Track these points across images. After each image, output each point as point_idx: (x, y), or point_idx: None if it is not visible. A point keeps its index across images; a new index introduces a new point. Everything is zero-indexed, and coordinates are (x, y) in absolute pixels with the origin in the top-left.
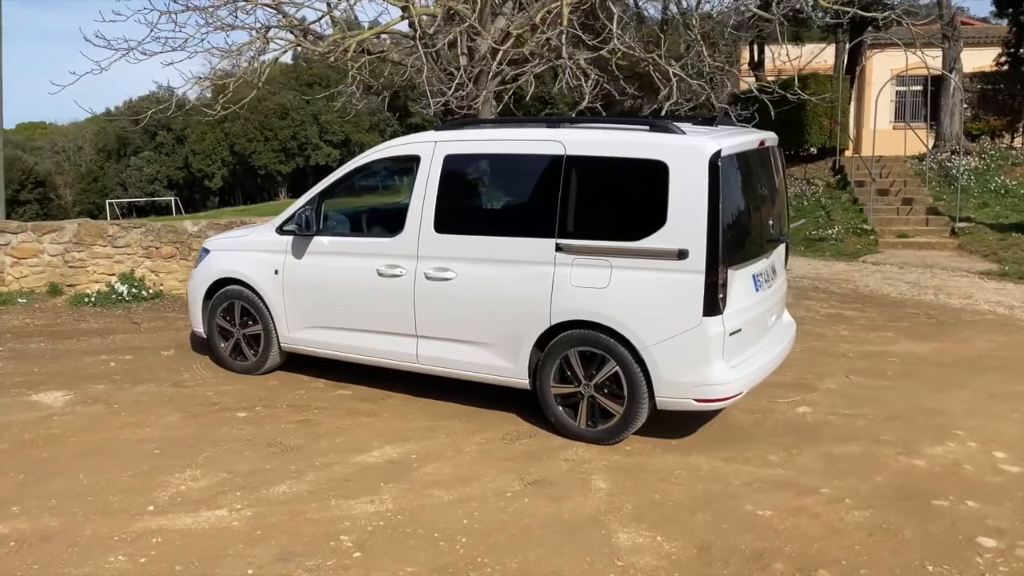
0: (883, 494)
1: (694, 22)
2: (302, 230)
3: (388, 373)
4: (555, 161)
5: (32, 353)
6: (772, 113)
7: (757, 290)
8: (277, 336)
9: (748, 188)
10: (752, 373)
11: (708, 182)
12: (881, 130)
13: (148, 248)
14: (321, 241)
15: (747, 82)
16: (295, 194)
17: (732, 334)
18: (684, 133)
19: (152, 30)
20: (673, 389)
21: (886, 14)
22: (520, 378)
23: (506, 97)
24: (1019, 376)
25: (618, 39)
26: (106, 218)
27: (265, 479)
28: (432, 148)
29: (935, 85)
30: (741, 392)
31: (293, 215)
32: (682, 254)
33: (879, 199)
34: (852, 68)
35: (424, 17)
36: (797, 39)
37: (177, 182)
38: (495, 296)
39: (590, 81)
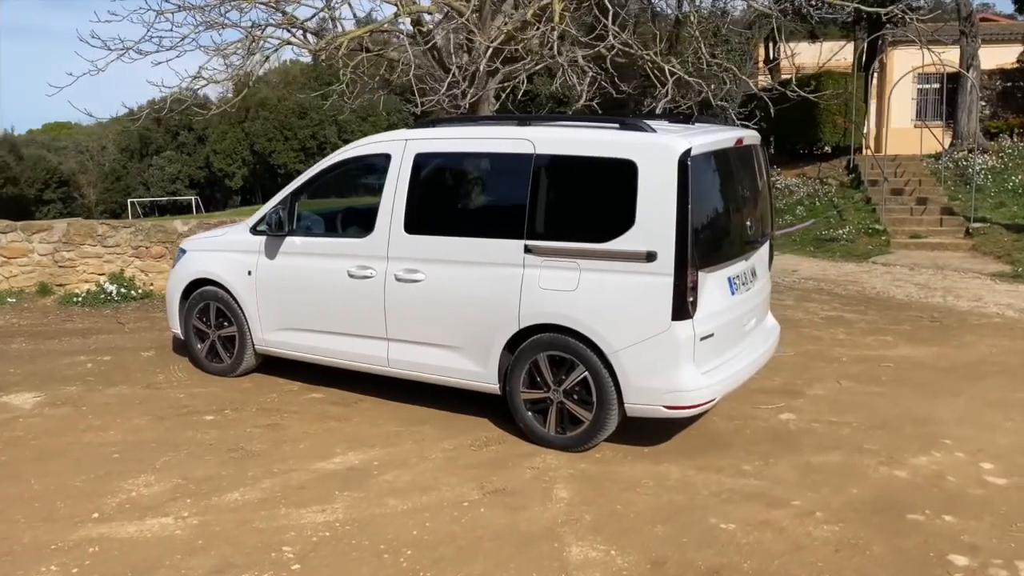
0: (856, 507)
1: (693, 19)
2: (272, 230)
3: (363, 376)
4: (524, 160)
5: (11, 353)
6: (772, 111)
7: (733, 293)
8: (251, 338)
9: (723, 188)
10: (726, 379)
11: (677, 181)
12: (902, 128)
13: (138, 248)
14: (293, 241)
15: (756, 81)
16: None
17: (703, 339)
18: (654, 131)
19: (148, 30)
20: (642, 395)
21: (889, 9)
22: (490, 383)
23: (503, 95)
24: (1018, 383)
25: (615, 36)
26: (128, 217)
27: (219, 485)
28: (403, 146)
29: (953, 83)
30: (714, 399)
31: (265, 215)
32: (650, 256)
33: (893, 199)
34: (868, 66)
35: (423, 15)
36: (813, 37)
37: (198, 181)
38: (464, 298)
39: (587, 79)
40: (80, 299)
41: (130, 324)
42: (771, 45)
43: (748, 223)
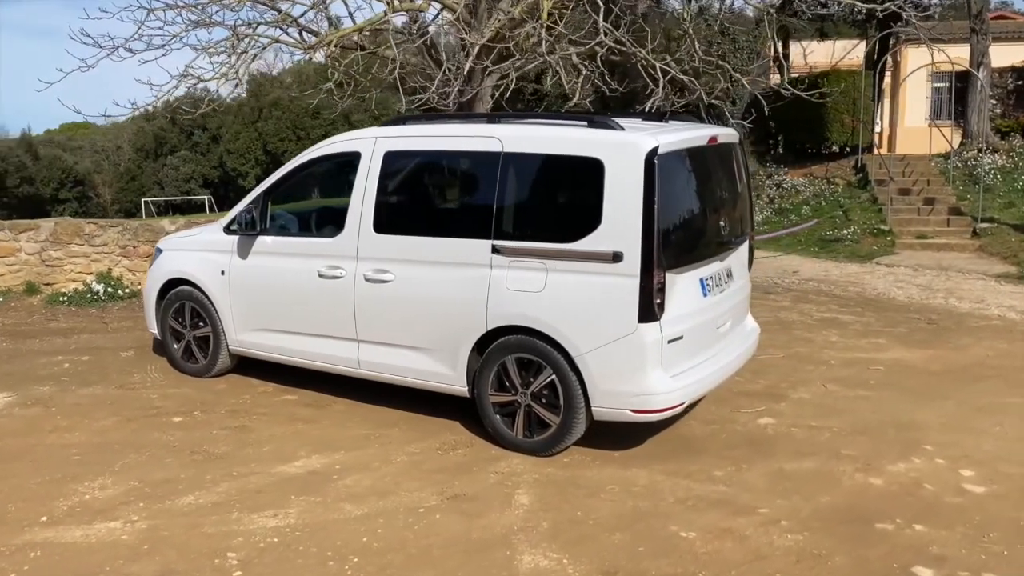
0: (825, 516)
1: (687, 16)
2: (243, 229)
3: (338, 378)
4: (492, 158)
5: None
6: (767, 110)
7: (705, 295)
8: (225, 339)
9: (695, 187)
10: (697, 383)
11: (643, 180)
12: (916, 128)
13: (125, 247)
14: (265, 241)
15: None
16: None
17: (672, 341)
18: (623, 129)
19: (139, 28)
20: (609, 399)
21: (885, 5)
22: (459, 385)
23: (496, 94)
24: (1012, 387)
25: (606, 34)
26: (142, 216)
27: (175, 489)
28: (372, 144)
29: (963, 82)
30: (683, 403)
31: (237, 215)
32: (616, 256)
33: (900, 199)
34: (877, 64)
35: (417, 13)
36: (822, 35)
37: (212, 181)
38: (432, 299)
39: (581, 77)
40: (67, 298)
41: (114, 324)
42: (779, 44)
43: (722, 223)
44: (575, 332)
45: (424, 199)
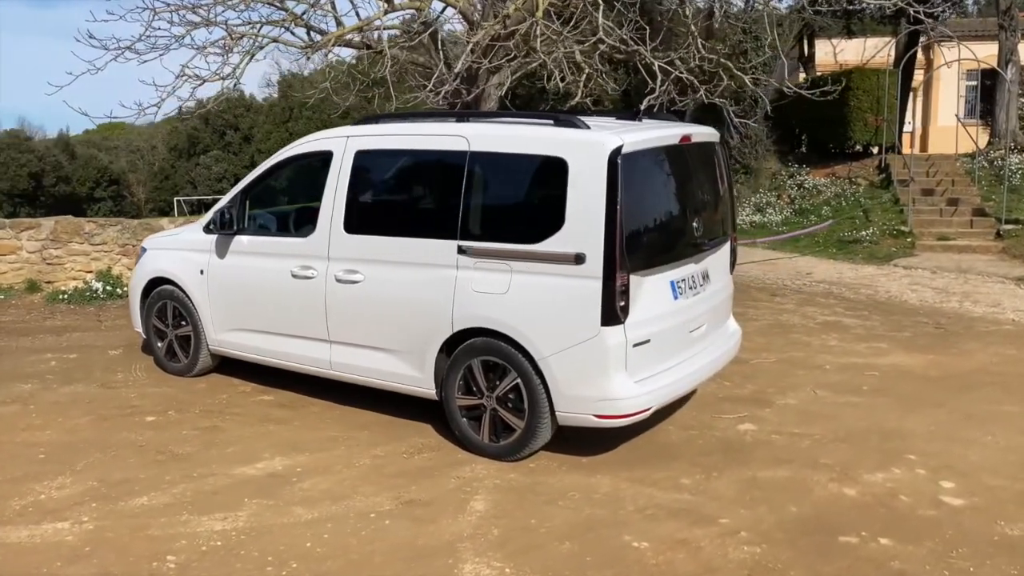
0: (788, 527)
1: (687, 14)
2: (218, 229)
3: (317, 379)
4: (458, 157)
5: None
6: (768, 109)
7: (676, 297)
8: (205, 338)
9: (665, 186)
10: (665, 387)
11: (607, 179)
12: (949, 127)
13: (125, 246)
14: (241, 241)
15: (796, 78)
16: None
17: (637, 345)
18: (588, 128)
19: (146, 29)
20: (572, 404)
21: (894, 1)
22: (427, 388)
23: (503, 94)
24: (1010, 395)
25: (608, 33)
26: (175, 215)
27: (132, 489)
28: (344, 143)
29: (991, 80)
30: (649, 408)
31: (214, 214)
32: (579, 258)
33: (923, 199)
34: (902, 62)
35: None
36: (850, 33)
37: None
38: (400, 300)
39: (584, 76)
40: (66, 296)
41: (108, 322)
42: (804, 42)
43: (696, 225)
44: (538, 335)
45: (393, 199)
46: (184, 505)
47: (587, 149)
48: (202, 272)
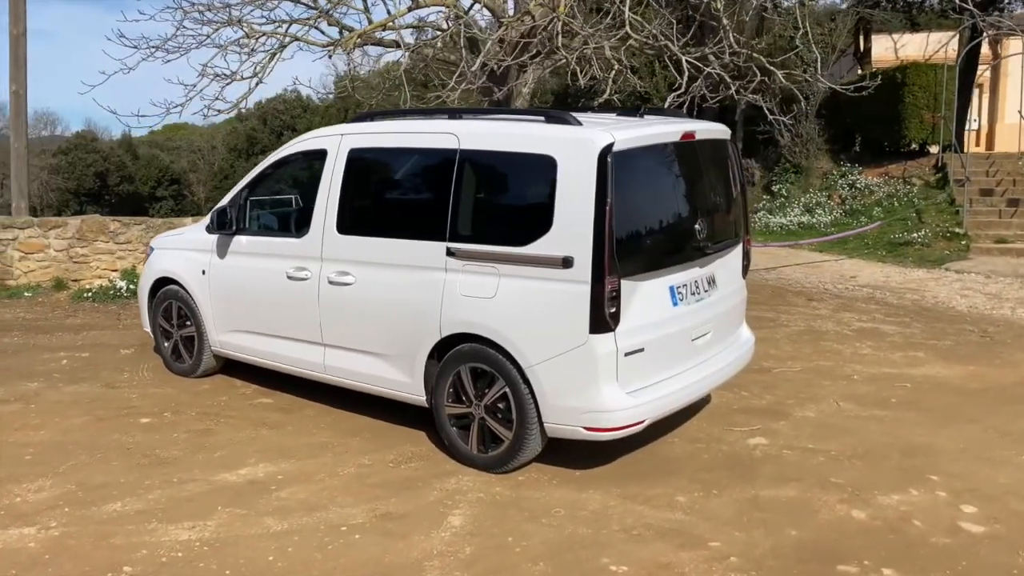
0: (784, 553)
1: (719, 6)
2: (216, 228)
3: (317, 383)
4: (448, 156)
5: None
6: (803, 105)
7: (676, 304)
8: (208, 339)
9: (663, 186)
10: (661, 399)
11: (596, 179)
12: (1016, 124)
13: (148, 245)
14: (240, 241)
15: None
16: None
17: (630, 354)
18: (579, 125)
19: (178, 29)
20: (561, 415)
21: None
22: (417, 394)
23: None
24: None
25: (633, 26)
26: None
27: (108, 494)
28: (338, 141)
29: None
30: (643, 421)
31: (213, 214)
32: (567, 262)
33: (981, 199)
34: (959, 56)
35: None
36: (914, 26)
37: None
38: (390, 303)
39: (613, 72)
40: (91, 294)
41: (127, 321)
42: (860, 37)
43: (701, 226)
44: (525, 342)
45: (385, 198)
46: (155, 512)
47: (576, 147)
48: (204, 272)
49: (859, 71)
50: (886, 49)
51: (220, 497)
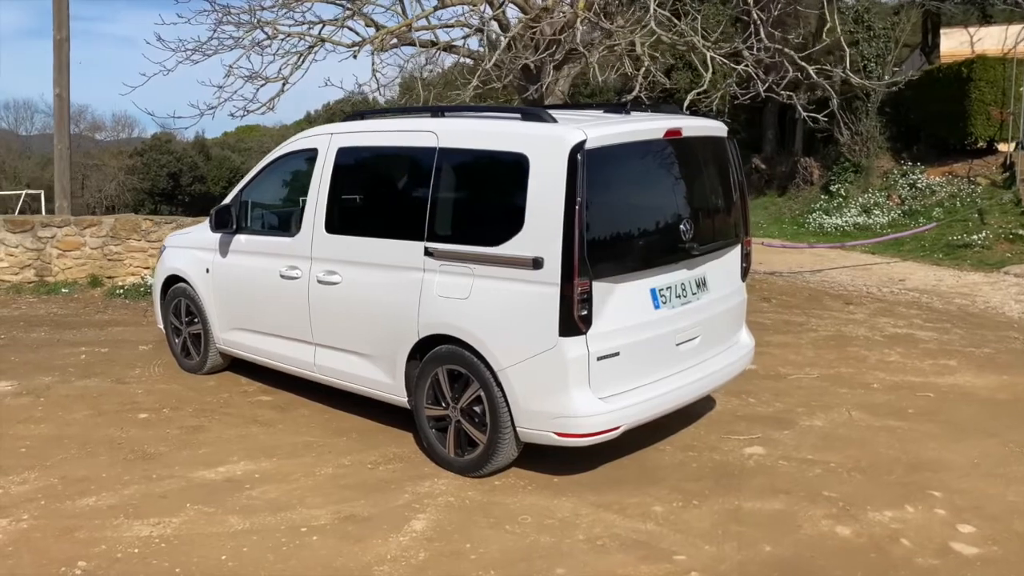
0: (752, 570)
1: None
2: (215, 228)
3: (316, 382)
4: (427, 154)
5: (25, 341)
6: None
7: (658, 307)
8: (212, 336)
9: (646, 184)
10: (639, 405)
11: (566, 177)
12: None
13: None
14: (240, 239)
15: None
16: None
17: (604, 358)
18: (554, 122)
19: (215, 31)
20: (532, 419)
21: None
22: (399, 395)
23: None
24: None
25: (660, 22)
26: None
27: (87, 488)
28: (328, 140)
29: None
30: (618, 427)
31: (213, 213)
32: (537, 263)
33: None
34: None
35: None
36: (986, 18)
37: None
38: (373, 303)
39: (643, 69)
40: (123, 292)
41: (151, 317)
42: (928, 30)
43: (687, 227)
44: (497, 344)
45: (369, 198)
46: (126, 508)
47: (547, 144)
48: (208, 270)
49: (927, 66)
50: (961, 43)
51: (193, 494)
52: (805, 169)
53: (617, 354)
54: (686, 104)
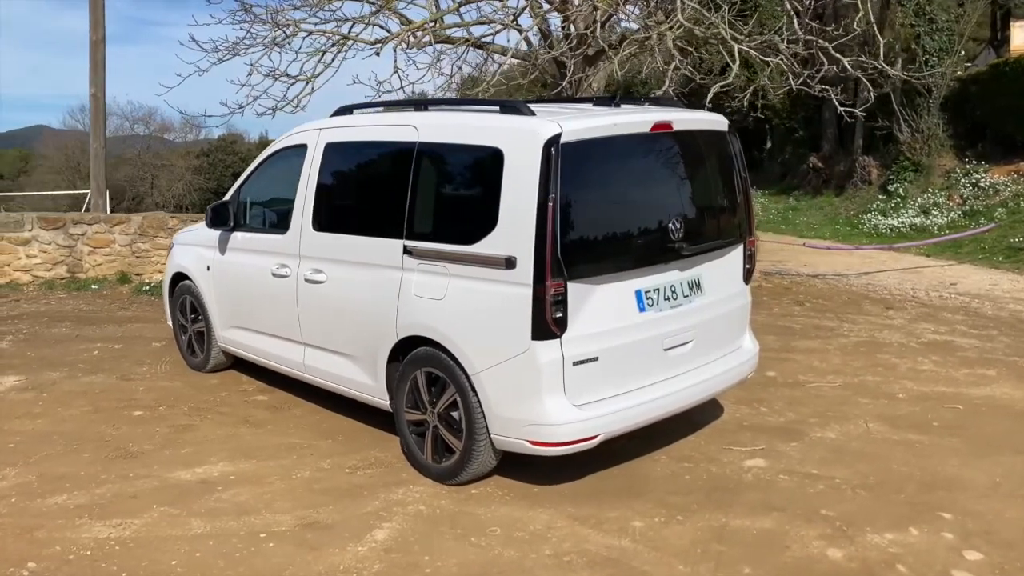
0: None
1: None
2: (211, 225)
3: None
4: (407, 149)
5: (45, 336)
6: (871, 93)
7: (643, 310)
8: (214, 334)
9: (631, 181)
10: (621, 413)
11: (539, 172)
12: None
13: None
14: (237, 237)
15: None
16: None
17: (580, 363)
18: (531, 115)
19: (247, 33)
20: (505, 426)
21: None
22: (381, 398)
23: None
24: None
25: (684, 14)
26: None
27: (61, 486)
28: (317, 136)
29: None
30: (595, 436)
31: (210, 211)
32: (510, 262)
33: None
34: None
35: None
36: None
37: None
38: (356, 303)
39: (674, 64)
40: (149, 288)
41: None
42: (997, 24)
43: (676, 225)
44: (471, 347)
45: (353, 195)
46: (93, 507)
47: (521, 138)
48: (208, 268)
49: (995, 60)
50: None
51: (163, 495)
52: (863, 168)
53: (596, 359)
54: (708, 98)
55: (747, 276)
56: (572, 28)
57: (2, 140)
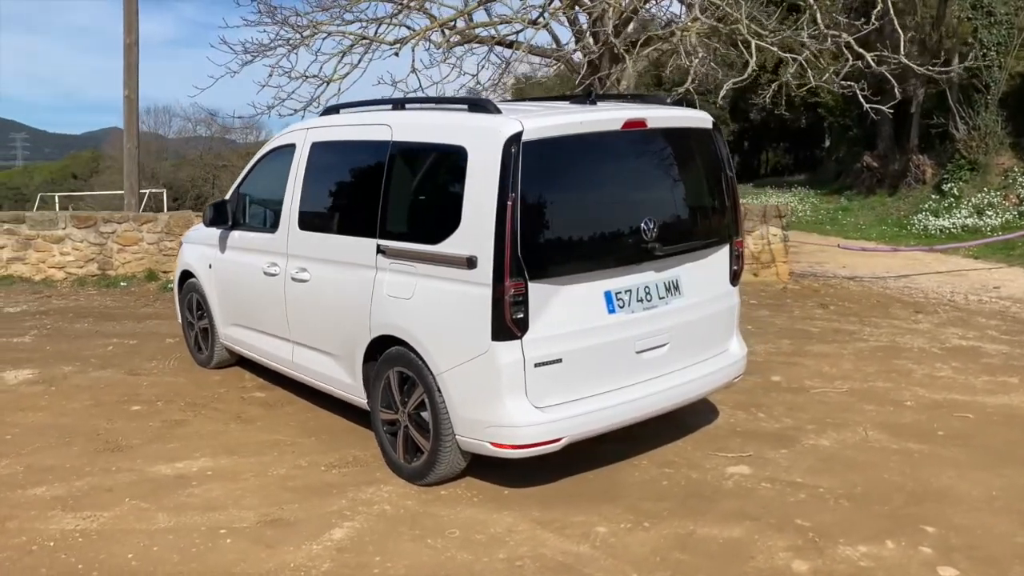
0: None
1: None
2: (209, 224)
3: None
4: (381, 148)
5: (66, 332)
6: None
7: (613, 311)
8: (217, 331)
9: (600, 179)
10: (586, 416)
11: (499, 171)
12: None
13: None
14: (234, 235)
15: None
16: None
17: (542, 364)
18: (497, 113)
19: (277, 34)
20: (468, 427)
21: None
22: (359, 396)
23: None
24: None
25: (705, 10)
26: None
27: (43, 478)
28: (304, 136)
29: None
30: (559, 439)
31: (209, 210)
32: (471, 262)
33: None
34: None
35: None
36: None
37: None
38: (335, 301)
39: (696, 60)
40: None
41: None
42: None
43: (649, 225)
44: (436, 347)
45: (334, 194)
46: (68, 500)
47: (483, 136)
48: (210, 266)
49: None
50: None
51: (138, 489)
52: (917, 167)
53: (559, 361)
54: (721, 95)
55: (734, 278)
56: (599, 25)
57: (79, 141)
